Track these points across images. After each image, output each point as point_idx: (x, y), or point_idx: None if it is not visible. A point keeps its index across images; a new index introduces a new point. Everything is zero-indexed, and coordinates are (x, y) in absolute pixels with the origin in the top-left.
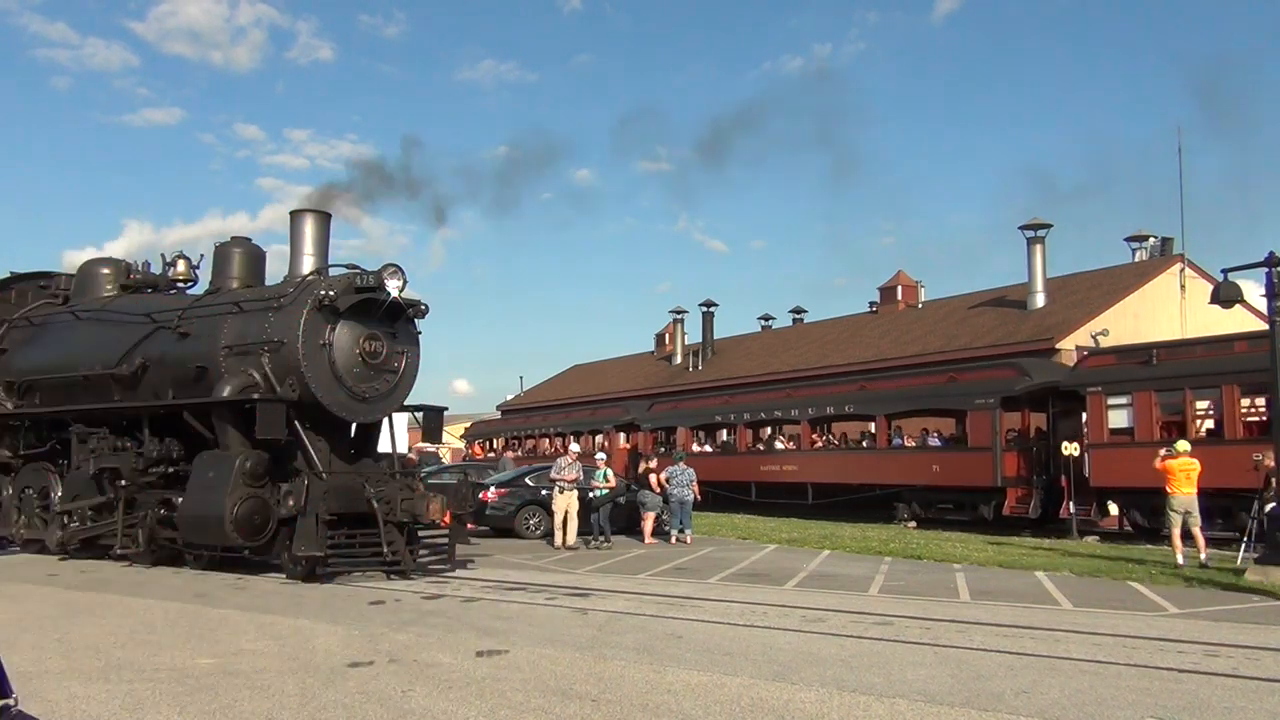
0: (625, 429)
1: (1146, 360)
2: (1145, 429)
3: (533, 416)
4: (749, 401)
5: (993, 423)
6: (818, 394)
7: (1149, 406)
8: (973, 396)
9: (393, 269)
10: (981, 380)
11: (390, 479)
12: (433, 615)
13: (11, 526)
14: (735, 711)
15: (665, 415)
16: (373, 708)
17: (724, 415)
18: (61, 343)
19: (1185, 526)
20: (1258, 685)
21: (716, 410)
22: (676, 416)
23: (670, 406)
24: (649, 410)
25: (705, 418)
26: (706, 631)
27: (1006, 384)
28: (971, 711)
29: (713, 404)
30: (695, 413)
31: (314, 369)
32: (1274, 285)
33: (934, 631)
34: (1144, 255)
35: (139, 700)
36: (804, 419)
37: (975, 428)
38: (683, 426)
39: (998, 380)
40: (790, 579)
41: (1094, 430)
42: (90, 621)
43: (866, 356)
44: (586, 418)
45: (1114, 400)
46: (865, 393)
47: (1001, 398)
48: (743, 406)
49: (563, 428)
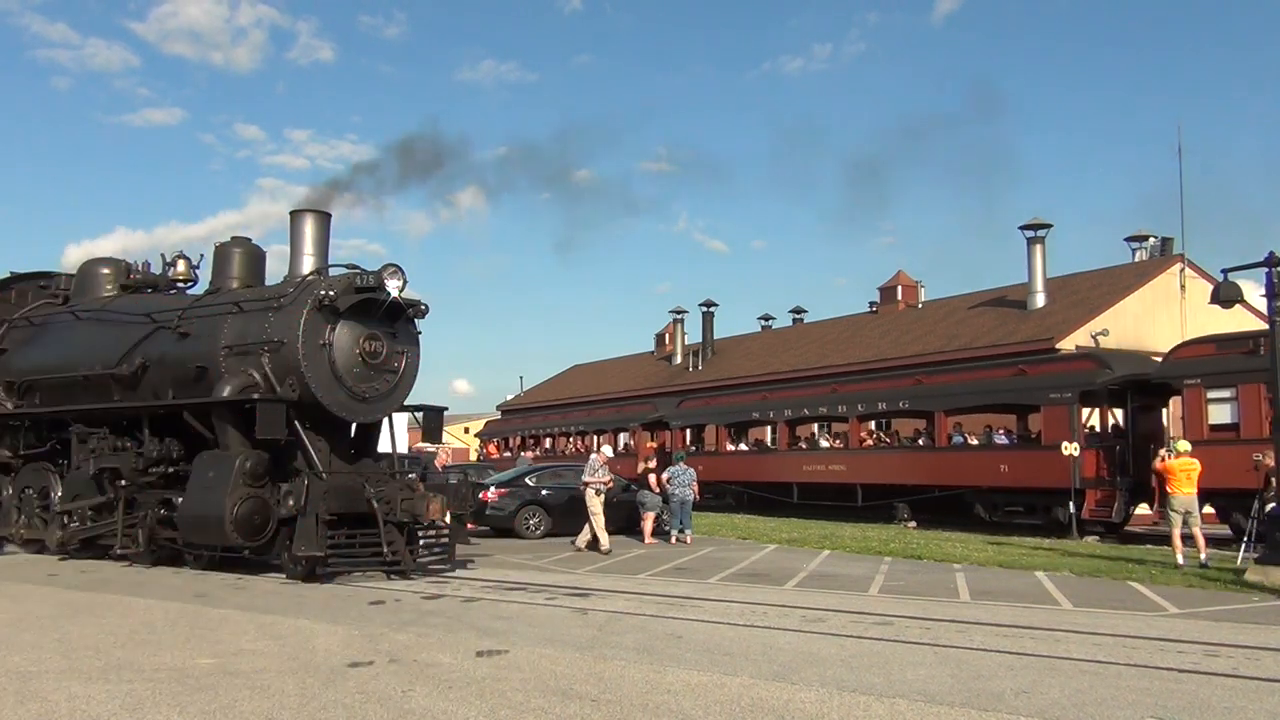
0: (652, 426)
1: (1252, 350)
2: (1253, 424)
3: (550, 414)
4: (790, 397)
5: (1070, 418)
6: (868, 389)
7: (1256, 400)
8: (1046, 390)
9: (393, 269)
10: (1056, 373)
11: (390, 479)
12: (433, 615)
13: (11, 526)
14: (735, 711)
15: (696, 412)
16: (373, 708)
17: (762, 412)
18: (61, 343)
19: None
20: (1258, 685)
21: (753, 406)
22: (708, 414)
23: (702, 403)
24: (679, 407)
25: (741, 414)
26: (706, 631)
27: (1085, 376)
28: (971, 711)
29: (749, 400)
30: (729, 410)
31: (314, 369)
32: (1274, 285)
33: (934, 631)
34: (1144, 255)
35: (139, 700)
36: (853, 416)
37: (1050, 424)
38: (715, 424)
39: (1075, 373)
40: (790, 579)
41: (1192, 426)
42: (90, 621)
43: (866, 356)
44: (611, 415)
45: (1216, 394)
46: (922, 387)
47: (1080, 391)
48: (783, 403)
49: (584, 426)
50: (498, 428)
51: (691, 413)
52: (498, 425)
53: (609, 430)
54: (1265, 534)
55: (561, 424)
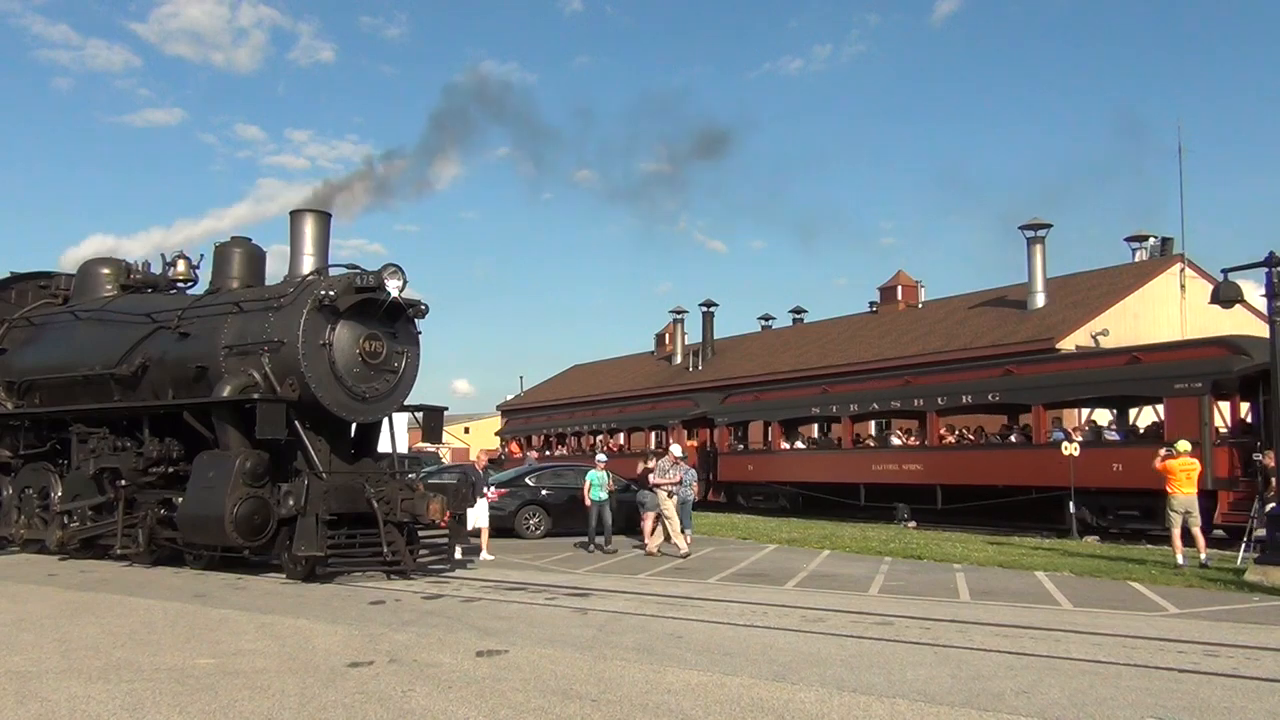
0: (693, 424)
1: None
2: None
3: (579, 411)
4: (855, 391)
5: (1200, 411)
6: (949, 380)
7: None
8: (1171, 380)
9: (393, 269)
10: (1180, 361)
11: (390, 479)
12: (433, 615)
13: (11, 526)
14: (735, 711)
15: (744, 408)
16: (373, 708)
17: (822, 407)
18: (61, 343)
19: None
20: (1258, 685)
21: (812, 401)
22: (759, 409)
23: (751, 398)
24: (723, 403)
25: (797, 410)
26: (706, 631)
27: (1218, 364)
28: (971, 711)
29: (807, 394)
30: (784, 405)
31: (314, 369)
32: (1274, 285)
33: (934, 631)
34: (1144, 255)
35: (139, 700)
36: (931, 410)
37: (1175, 417)
38: (769, 420)
39: (1205, 360)
40: (790, 579)
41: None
42: (90, 621)
43: (867, 356)
44: (645, 412)
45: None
46: (1013, 378)
47: (1213, 381)
48: (846, 397)
49: (616, 423)
50: (520, 426)
51: (739, 408)
52: (520, 423)
53: (644, 428)
54: (1265, 534)
55: (591, 421)
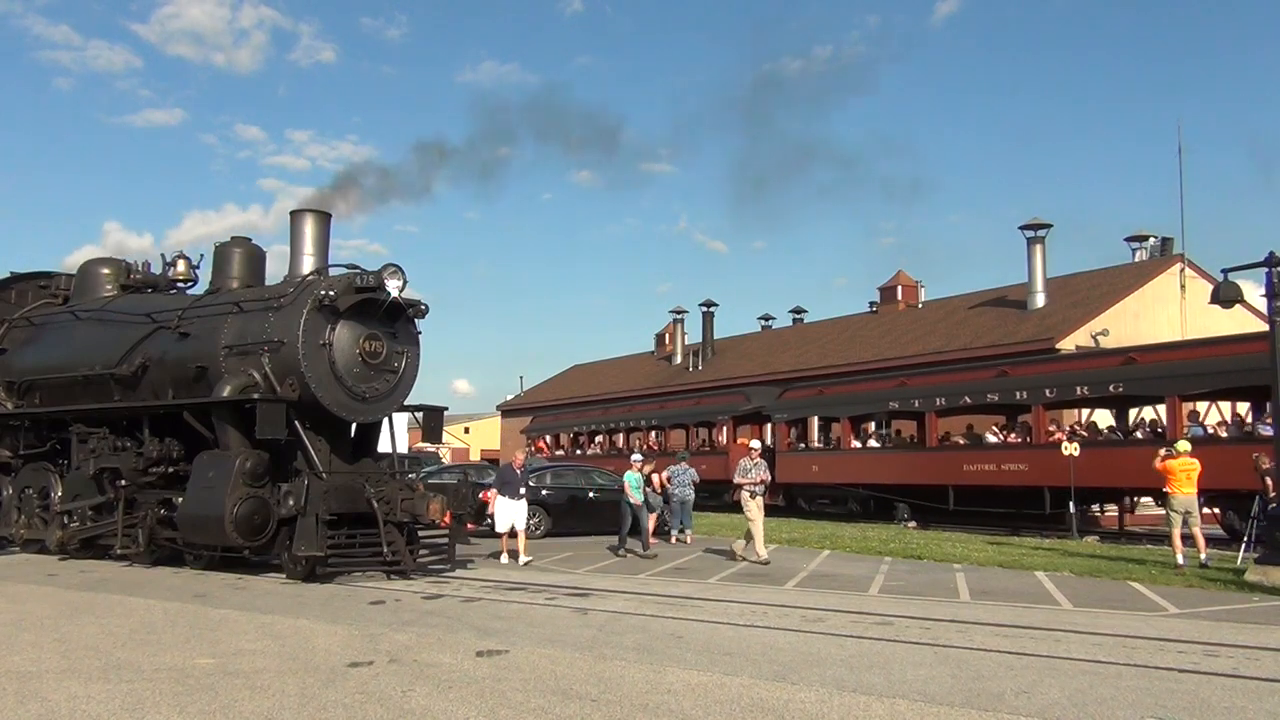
0: (745, 421)
1: None
2: None
3: (613, 408)
4: (942, 383)
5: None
6: (1054, 370)
7: None
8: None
9: (393, 269)
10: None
11: (390, 479)
12: (433, 615)
13: (11, 526)
14: (735, 711)
15: (806, 403)
16: (373, 708)
17: (901, 401)
18: (61, 343)
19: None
20: (1258, 685)
21: (890, 395)
22: (825, 404)
23: (814, 392)
24: (780, 398)
25: (871, 404)
26: (706, 631)
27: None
28: (971, 711)
29: (882, 387)
30: (854, 399)
31: (314, 369)
32: (1274, 285)
33: (934, 631)
34: (1144, 255)
35: (139, 700)
36: (1037, 403)
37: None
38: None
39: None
40: (790, 579)
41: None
42: (90, 621)
43: (867, 356)
44: (689, 408)
45: None
46: (1136, 367)
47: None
48: (931, 390)
49: (658, 420)
50: (548, 423)
51: (800, 403)
52: (547, 420)
53: (689, 424)
54: (1265, 534)
55: (626, 418)
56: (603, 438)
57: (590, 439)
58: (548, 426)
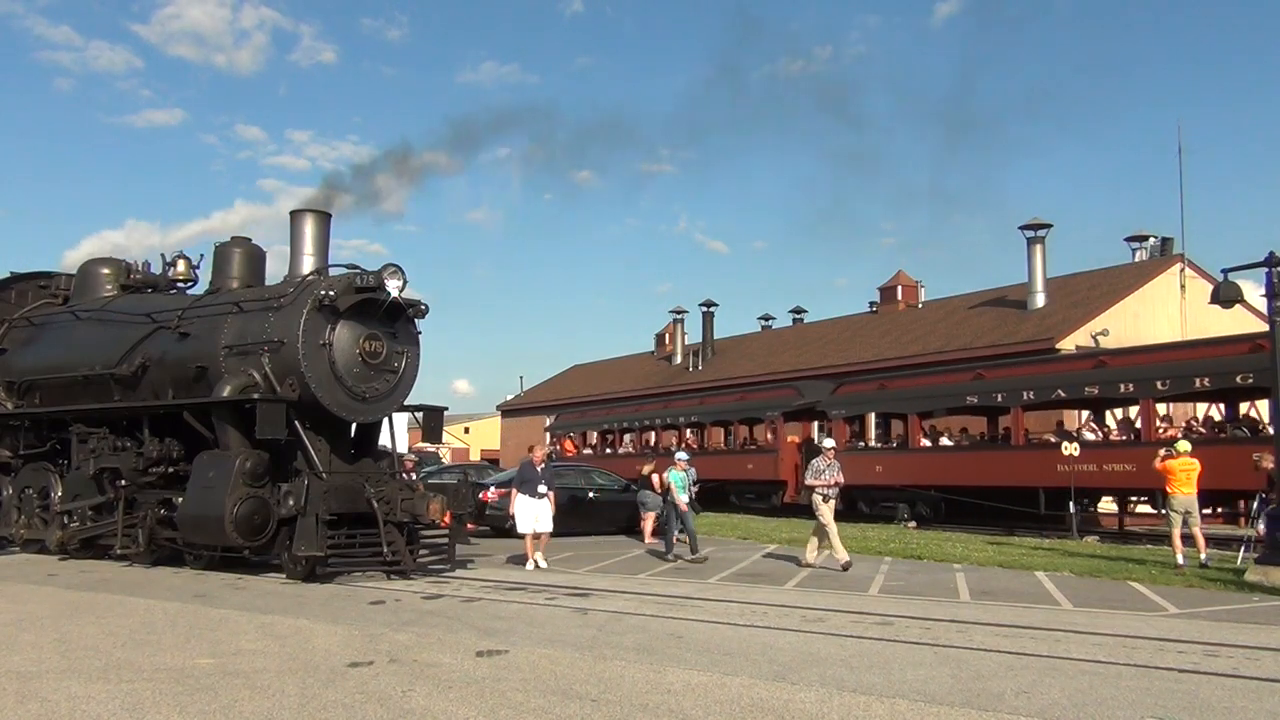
0: (795, 417)
1: None
2: None
3: (645, 404)
4: (1030, 374)
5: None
6: (1165, 359)
7: None
8: None
9: (393, 269)
10: None
11: (390, 479)
12: (433, 615)
13: (11, 526)
14: (735, 711)
15: (866, 398)
16: (373, 708)
17: (981, 395)
18: (61, 343)
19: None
20: (1258, 685)
21: (965, 388)
22: (888, 399)
23: (875, 386)
24: (835, 392)
25: (945, 398)
26: (706, 631)
27: None
28: (971, 711)
29: (957, 380)
30: (927, 393)
31: (314, 369)
32: (1274, 285)
33: (934, 631)
34: (1144, 255)
35: (139, 700)
36: (1147, 396)
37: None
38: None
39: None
40: (790, 579)
41: None
42: (90, 621)
43: (867, 356)
44: (734, 403)
45: None
46: (1264, 355)
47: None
48: (1017, 382)
49: (699, 416)
50: (573, 421)
51: (860, 398)
52: (572, 418)
53: (733, 421)
54: (1266, 534)
55: (662, 415)
56: (634, 435)
57: (620, 436)
58: (573, 424)
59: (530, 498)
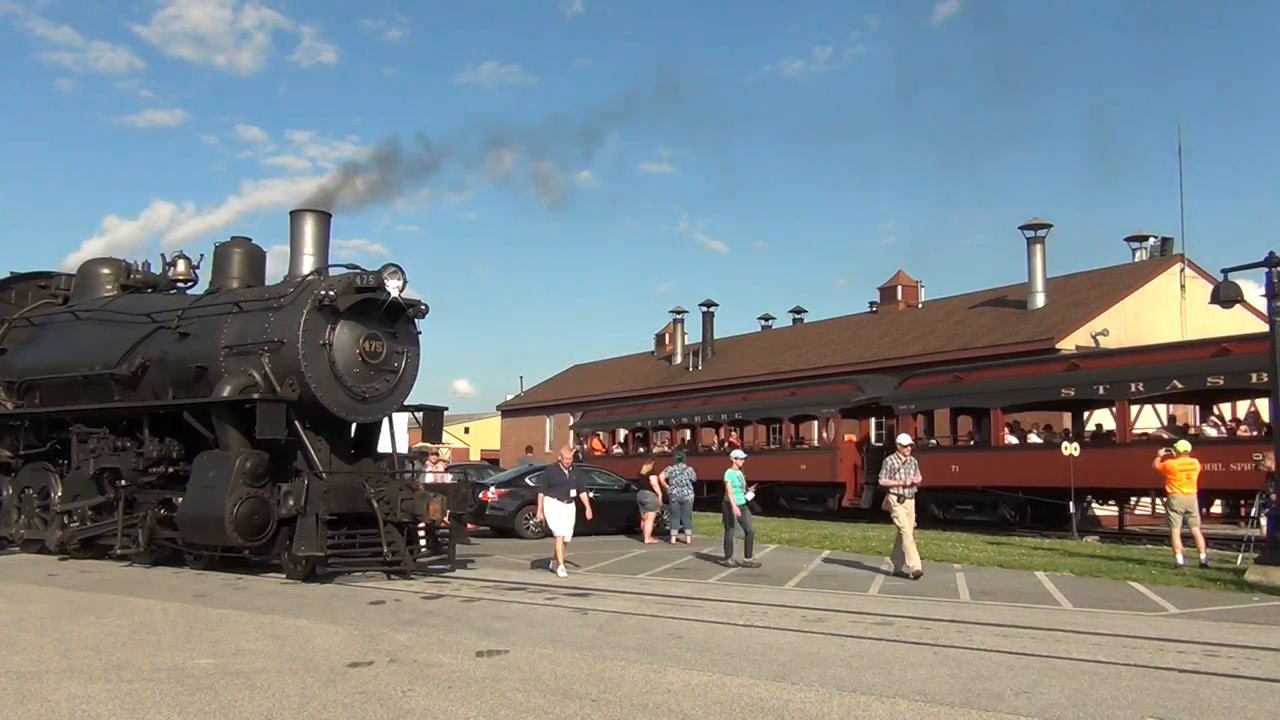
0: (853, 414)
1: None
2: None
3: (684, 400)
4: (1139, 364)
5: None
6: None
7: None
8: None
9: (393, 269)
10: None
11: (390, 479)
12: (433, 615)
13: (11, 526)
14: (735, 711)
15: (939, 391)
16: (373, 708)
17: (1079, 388)
18: (61, 343)
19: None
20: (1258, 685)
21: (1059, 380)
22: (965, 393)
23: (949, 379)
24: (901, 386)
25: (1037, 392)
26: (706, 631)
27: None
28: (971, 711)
29: (1047, 371)
30: (1013, 385)
31: (314, 369)
32: (1274, 285)
33: (934, 631)
34: (1144, 255)
35: (139, 700)
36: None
37: None
38: (984, 406)
39: None
40: (790, 579)
41: None
42: (90, 621)
43: (867, 356)
44: (784, 399)
45: None
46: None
47: None
48: (1122, 373)
49: (741, 413)
50: (600, 418)
51: (931, 392)
52: (599, 416)
53: (784, 419)
54: (1266, 534)
55: (702, 411)
56: (668, 434)
57: (652, 434)
58: (601, 422)
59: (560, 502)
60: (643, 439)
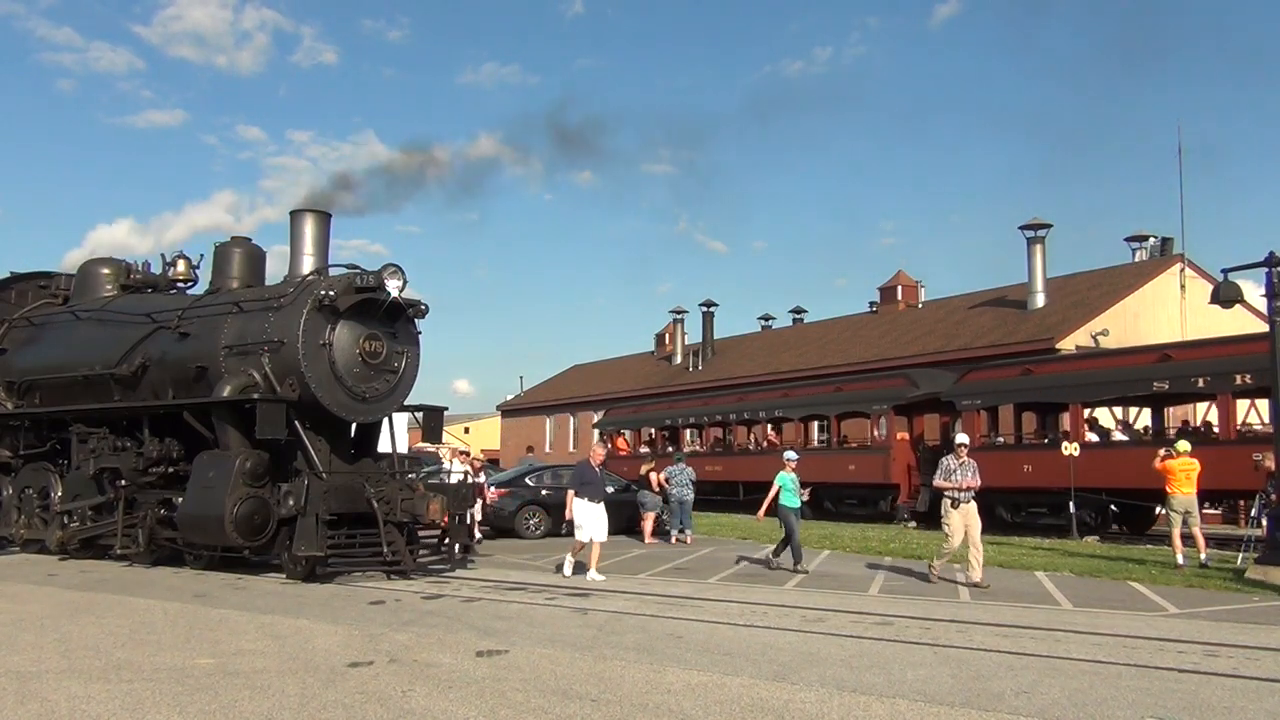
0: (907, 410)
1: None
2: None
3: (719, 397)
4: (1241, 354)
5: None
6: None
7: None
8: None
9: (393, 269)
10: None
11: (390, 479)
12: (433, 615)
13: (11, 526)
14: (735, 711)
15: (1006, 385)
16: (373, 708)
17: (1173, 380)
18: (61, 343)
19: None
20: (1258, 685)
21: (1151, 372)
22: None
23: (1017, 372)
24: (963, 380)
25: (1122, 385)
26: (706, 631)
27: None
28: (971, 711)
29: (1136, 362)
30: (1095, 378)
31: (314, 369)
32: (1274, 285)
33: (934, 631)
34: (1144, 255)
35: (139, 700)
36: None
37: None
38: (1062, 401)
39: None
40: (790, 579)
41: None
42: (90, 621)
43: (867, 356)
44: (827, 395)
45: None
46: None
47: None
48: (1224, 364)
49: (782, 410)
50: (625, 417)
51: (998, 386)
52: (625, 414)
53: (832, 415)
54: (1266, 534)
55: (738, 409)
56: (703, 432)
57: (683, 432)
58: (628, 420)
59: (590, 502)
60: (670, 436)
